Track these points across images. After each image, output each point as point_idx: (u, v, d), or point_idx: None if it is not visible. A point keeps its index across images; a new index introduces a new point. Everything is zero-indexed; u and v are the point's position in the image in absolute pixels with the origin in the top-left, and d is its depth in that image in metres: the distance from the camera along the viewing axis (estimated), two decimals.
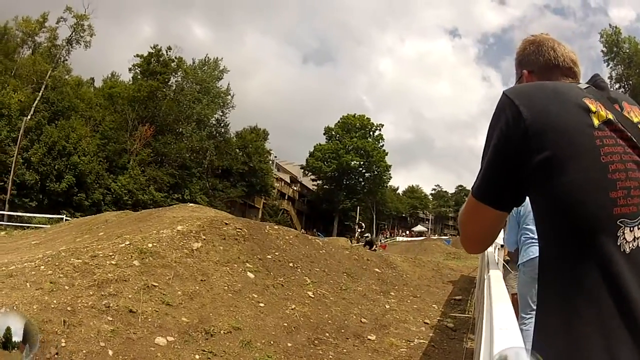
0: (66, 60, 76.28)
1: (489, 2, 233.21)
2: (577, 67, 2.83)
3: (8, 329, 2.39)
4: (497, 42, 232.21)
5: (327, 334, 12.65)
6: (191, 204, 30.02)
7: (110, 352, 9.55)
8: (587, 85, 2.49)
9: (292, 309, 13.32)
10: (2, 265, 14.42)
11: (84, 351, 9.32)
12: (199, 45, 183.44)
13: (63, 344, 9.46)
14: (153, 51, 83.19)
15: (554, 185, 2.21)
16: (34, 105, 64.99)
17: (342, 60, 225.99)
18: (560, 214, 2.20)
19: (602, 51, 77.17)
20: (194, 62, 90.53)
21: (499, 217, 2.52)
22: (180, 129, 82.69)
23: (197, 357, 9.93)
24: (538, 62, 2.85)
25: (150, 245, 14.65)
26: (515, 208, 2.85)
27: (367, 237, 51.93)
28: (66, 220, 43.89)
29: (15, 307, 10.39)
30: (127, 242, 14.86)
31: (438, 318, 15.04)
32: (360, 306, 14.61)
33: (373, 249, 41.66)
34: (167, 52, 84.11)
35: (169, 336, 10.53)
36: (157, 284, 12.66)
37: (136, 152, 73.26)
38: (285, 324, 12.51)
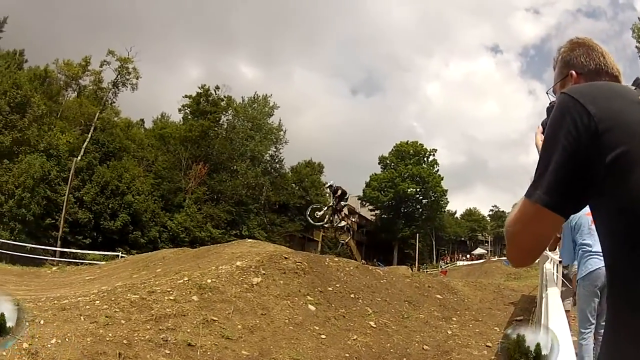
0: (114, 102, 77.29)
1: (524, 14, 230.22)
2: (621, 77, 2.77)
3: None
4: (537, 53, 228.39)
5: None
6: (250, 240, 29.96)
7: None
8: (635, 87, 2.40)
9: (353, 340, 13.23)
10: (55, 299, 14.90)
11: None
12: (248, 84, 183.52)
13: None
14: (201, 91, 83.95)
15: (630, 183, 2.08)
16: (84, 146, 66.17)
17: (391, 89, 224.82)
18: (636, 215, 2.05)
19: (637, 47, 75.80)
20: (243, 100, 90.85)
21: (558, 225, 2.36)
22: (235, 167, 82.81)
23: None
24: (588, 65, 2.81)
25: (209, 280, 14.76)
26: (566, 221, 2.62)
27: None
28: (122, 257, 44.29)
29: (67, 339, 10.53)
30: (186, 278, 14.99)
31: (500, 341, 14.45)
32: (422, 333, 14.47)
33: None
34: (215, 91, 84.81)
35: None
36: (216, 319, 12.69)
37: (191, 191, 73.53)
38: (347, 355, 12.44)
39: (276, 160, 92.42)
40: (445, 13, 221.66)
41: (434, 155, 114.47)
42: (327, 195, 37.82)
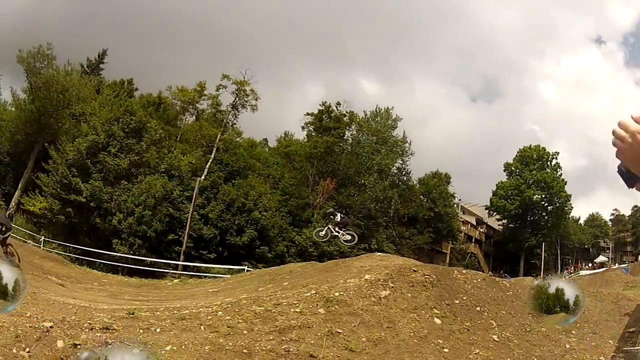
0: (234, 124, 79.22)
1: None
2: None
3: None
4: (637, 40, 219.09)
5: None
6: (379, 253, 29.91)
7: None
8: None
9: (475, 354, 13.24)
10: (174, 309, 15.45)
11: None
12: (369, 98, 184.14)
13: None
14: (323, 108, 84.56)
15: None
16: (207, 166, 68.15)
17: (509, 94, 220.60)
18: None
19: None
20: (365, 115, 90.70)
21: None
22: (362, 181, 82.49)
23: None
24: None
25: (337, 294, 14.86)
26: None
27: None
28: (248, 270, 45.13)
29: (183, 346, 10.96)
30: (313, 291, 15.19)
31: (612, 354, 14.72)
32: (542, 347, 14.37)
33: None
34: (337, 107, 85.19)
35: None
36: (341, 331, 12.79)
37: (319, 206, 73.73)
38: None
39: (403, 173, 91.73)
40: (547, 10, 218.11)
41: (556, 158, 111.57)
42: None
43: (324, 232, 37.25)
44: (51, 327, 11.44)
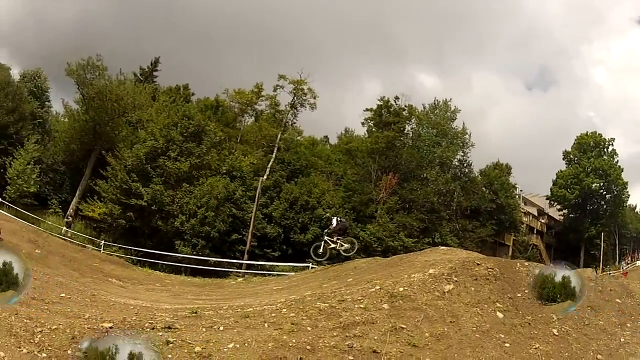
0: (294, 123, 79.29)
1: None
2: None
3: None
4: None
5: None
6: (442, 247, 29.39)
7: None
8: None
9: (535, 349, 13.22)
10: (238, 307, 15.71)
11: None
12: (426, 92, 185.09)
13: None
14: (382, 103, 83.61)
15: None
16: (269, 166, 68.52)
17: (563, 81, 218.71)
18: None
19: None
20: (424, 108, 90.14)
21: None
22: (424, 174, 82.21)
23: None
24: None
25: (401, 289, 14.90)
26: None
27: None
28: (312, 267, 44.10)
29: (246, 344, 11.18)
30: (378, 287, 15.21)
31: None
32: (599, 341, 14.24)
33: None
34: (395, 101, 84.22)
35: None
36: (405, 326, 12.86)
37: (383, 201, 73.50)
38: None
39: (465, 165, 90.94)
40: None
41: (612, 145, 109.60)
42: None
43: (321, 249, 34.72)
44: (110, 327, 11.95)
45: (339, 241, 33.65)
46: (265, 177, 65.95)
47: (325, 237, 34.20)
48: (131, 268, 41.72)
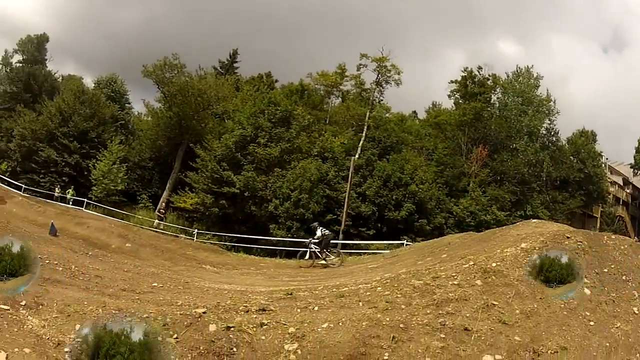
0: (381, 100, 79.04)
1: None
2: None
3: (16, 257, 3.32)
4: None
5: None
6: (534, 220, 28.71)
7: None
8: None
9: (616, 328, 13.14)
10: (333, 287, 16.26)
11: None
12: (507, 60, 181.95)
13: (385, 357, 10.34)
14: (466, 74, 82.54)
15: None
16: (360, 145, 68.68)
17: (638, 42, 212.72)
18: None
19: None
20: (508, 76, 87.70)
21: None
22: (514, 145, 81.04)
23: None
24: None
25: (494, 264, 14.94)
26: None
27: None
28: (407, 245, 45.40)
29: (340, 323, 11.47)
30: (471, 263, 15.37)
31: None
32: None
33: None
34: (479, 72, 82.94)
35: (497, 354, 10.80)
36: (496, 303, 12.96)
37: (474, 174, 73.11)
38: (607, 344, 12.47)
39: (552, 133, 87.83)
40: None
41: None
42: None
43: (307, 255, 34.70)
44: (204, 312, 12.14)
45: (325, 252, 33.68)
46: (357, 156, 66.04)
47: (312, 246, 34.17)
48: (225, 254, 42.52)
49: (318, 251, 33.64)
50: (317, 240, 33.86)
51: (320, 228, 35.15)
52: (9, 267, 12.77)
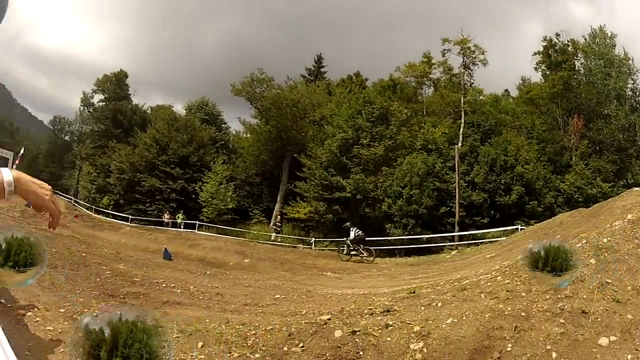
0: (472, 83, 78.47)
1: None
2: None
3: (26, 253, 3.39)
4: None
5: None
6: (636, 188, 25.47)
7: (554, 355, 9.85)
8: None
9: None
10: (455, 280, 16.74)
11: (528, 355, 9.87)
12: (580, 22, 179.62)
13: (508, 349, 10.22)
14: (546, 43, 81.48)
15: None
16: (461, 132, 68.49)
17: None
18: None
19: None
20: (585, 40, 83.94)
21: None
22: (605, 111, 77.49)
23: (629, 357, 9.65)
24: None
25: (605, 240, 14.17)
26: None
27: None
28: (521, 229, 45.24)
29: (464, 317, 11.64)
30: (584, 241, 14.61)
31: None
32: None
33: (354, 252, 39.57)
34: (557, 39, 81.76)
35: (612, 336, 10.30)
36: (610, 281, 12.21)
37: (574, 147, 71.26)
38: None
39: (638, 94, 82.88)
40: None
41: None
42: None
43: (345, 251, 39.91)
44: (329, 319, 12.30)
45: (359, 249, 39.39)
46: (460, 144, 65.71)
47: (349, 243, 39.74)
48: (345, 259, 41.91)
49: (354, 249, 39.29)
50: (351, 239, 39.36)
51: (353, 229, 40.16)
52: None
